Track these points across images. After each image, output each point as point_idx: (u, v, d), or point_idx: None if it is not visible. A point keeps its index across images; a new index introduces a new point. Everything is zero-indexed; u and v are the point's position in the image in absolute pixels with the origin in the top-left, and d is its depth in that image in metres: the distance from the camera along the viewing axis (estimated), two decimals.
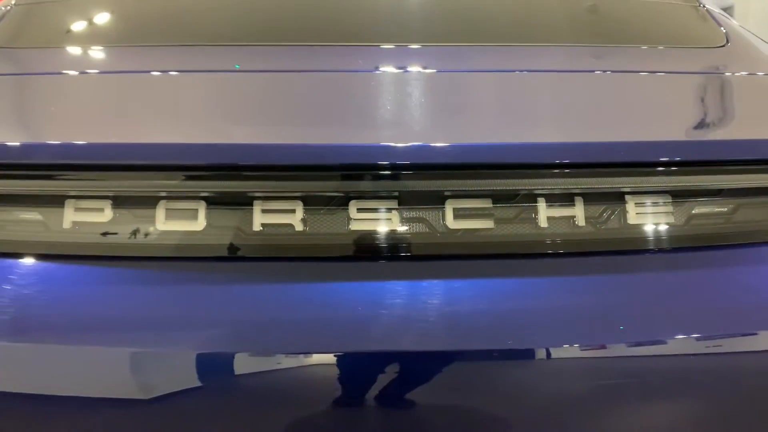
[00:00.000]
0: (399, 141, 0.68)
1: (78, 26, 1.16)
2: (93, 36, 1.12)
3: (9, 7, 1.17)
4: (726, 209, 0.73)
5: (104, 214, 0.69)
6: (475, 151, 0.69)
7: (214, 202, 0.69)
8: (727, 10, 6.92)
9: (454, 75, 0.94)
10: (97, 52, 1.03)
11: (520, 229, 0.69)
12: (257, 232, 0.68)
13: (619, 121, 0.81)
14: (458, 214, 0.69)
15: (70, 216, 0.69)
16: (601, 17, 1.22)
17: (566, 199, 0.70)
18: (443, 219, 0.69)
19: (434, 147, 0.68)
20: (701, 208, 0.72)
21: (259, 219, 0.69)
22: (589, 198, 0.70)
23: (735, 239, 0.73)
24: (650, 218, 0.71)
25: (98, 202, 0.69)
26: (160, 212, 0.69)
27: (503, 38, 1.09)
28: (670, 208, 0.71)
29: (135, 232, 0.69)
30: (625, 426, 0.70)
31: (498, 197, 0.69)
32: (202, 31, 1.10)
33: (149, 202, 0.69)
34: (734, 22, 1.20)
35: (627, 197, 0.71)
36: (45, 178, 0.70)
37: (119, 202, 0.69)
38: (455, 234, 0.69)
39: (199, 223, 0.68)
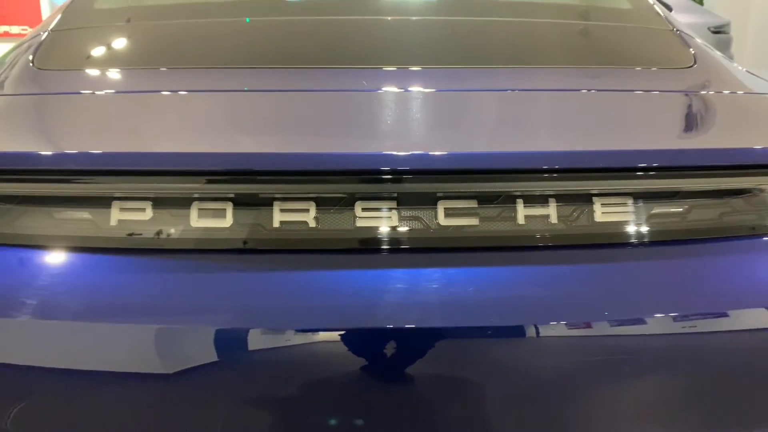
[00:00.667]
0: (398, 150, 0.79)
1: (111, 50, 1.29)
2: (125, 59, 1.25)
3: (46, 33, 1.30)
4: (681, 209, 0.84)
5: (145, 213, 0.80)
6: (463, 159, 0.80)
7: (239, 202, 0.80)
8: (724, 26, 7.00)
9: (445, 93, 1.05)
10: (131, 74, 1.15)
11: (501, 226, 0.80)
12: (276, 228, 0.80)
13: (589, 133, 0.93)
14: (448, 213, 0.80)
15: (116, 215, 0.81)
16: (583, 42, 1.34)
17: (541, 200, 0.81)
18: (435, 217, 0.80)
19: (428, 155, 0.79)
20: (659, 209, 0.84)
21: (278, 217, 0.80)
22: (561, 199, 0.82)
23: (689, 235, 0.84)
24: (614, 217, 0.82)
25: (140, 203, 0.81)
26: (193, 211, 0.80)
27: (491, 61, 1.21)
28: (631, 208, 0.83)
29: (171, 229, 0.80)
30: (590, 398, 0.81)
31: (482, 198, 0.80)
32: (228, 55, 1.22)
33: (184, 202, 0.80)
34: (704, 45, 1.32)
35: (594, 198, 0.82)
36: (94, 183, 0.82)
37: (158, 202, 0.81)
38: (446, 230, 0.80)
39: (227, 221, 0.80)
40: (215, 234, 0.80)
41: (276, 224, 0.79)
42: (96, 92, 1.09)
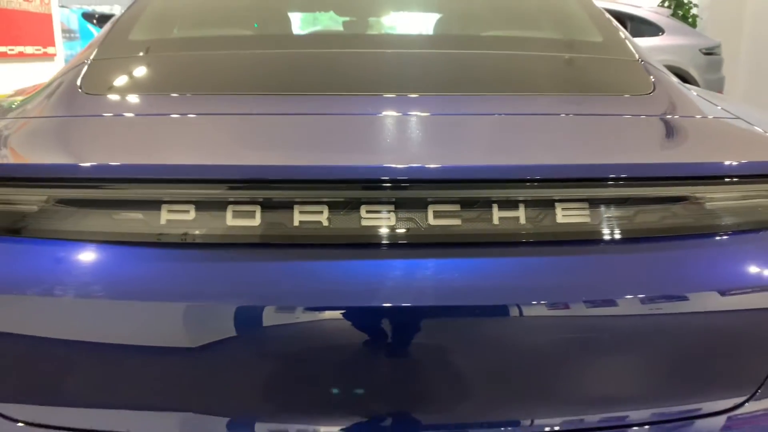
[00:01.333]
0: (395, 163, 0.96)
1: (148, 77, 1.48)
2: (161, 85, 1.44)
3: (89, 62, 1.48)
4: (629, 213, 1.02)
5: (189, 215, 0.98)
6: (448, 171, 0.98)
7: (266, 205, 0.98)
8: (715, 48, 7.23)
9: (434, 117, 1.24)
10: (168, 98, 1.34)
11: (479, 225, 0.98)
12: (296, 226, 0.97)
13: (552, 150, 1.11)
14: (436, 215, 0.98)
15: (165, 216, 0.99)
16: (556, 72, 1.53)
17: (513, 204, 0.99)
18: (426, 218, 0.98)
19: (420, 167, 0.96)
20: (611, 213, 1.01)
21: (297, 217, 0.97)
22: (529, 204, 1.00)
23: (635, 234, 1.01)
24: (572, 218, 1.00)
25: (185, 206, 0.98)
26: (228, 213, 0.97)
27: (475, 89, 1.40)
28: (587, 212, 1.00)
29: (210, 227, 0.98)
30: (542, 367, 0.98)
31: (464, 203, 0.98)
32: (252, 83, 1.42)
33: (221, 206, 0.98)
34: (664, 73, 1.50)
35: (556, 203, 1.00)
36: (146, 189, 0.99)
37: (200, 206, 0.98)
38: (434, 228, 0.97)
39: (256, 221, 0.97)
40: (246, 231, 0.97)
41: (296, 223, 0.97)
42: (142, 114, 1.28)
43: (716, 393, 1.04)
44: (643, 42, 8.92)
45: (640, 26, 9.19)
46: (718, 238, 1.03)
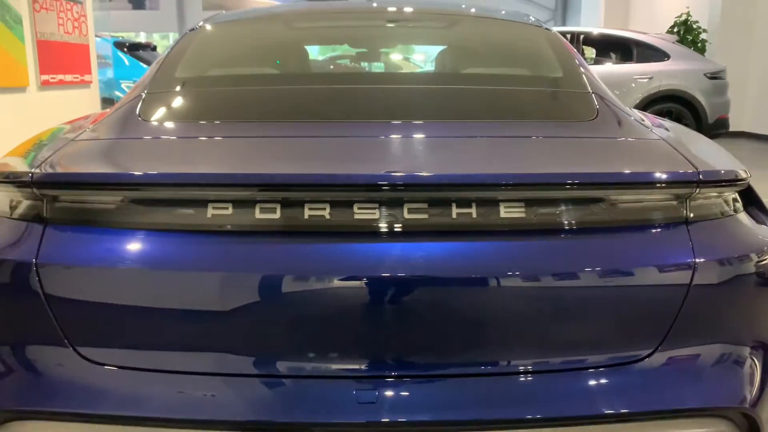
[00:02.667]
0: (377, 172, 1.30)
1: (196, 107, 1.86)
2: (205, 114, 1.81)
3: (144, 95, 1.85)
4: (557, 210, 1.35)
5: (228, 210, 1.32)
6: (417, 178, 1.31)
7: (284, 204, 1.31)
8: (720, 72, 7.57)
9: (414, 138, 1.58)
10: (211, 124, 1.71)
11: (441, 219, 1.31)
12: (306, 219, 1.30)
13: (501, 162, 1.45)
14: (410, 211, 1.30)
15: (210, 211, 1.33)
16: (519, 102, 1.88)
17: (466, 203, 1.33)
18: (402, 214, 1.31)
19: (396, 175, 1.29)
20: (542, 210, 1.34)
21: (306, 213, 1.30)
22: (479, 203, 1.33)
23: (561, 226, 1.34)
24: (512, 214, 1.33)
25: (224, 204, 1.33)
26: (257, 209, 1.31)
27: (450, 117, 1.75)
28: (522, 210, 1.34)
29: (243, 220, 1.32)
30: (492, 323, 1.31)
31: (430, 202, 1.31)
32: (275, 112, 1.79)
33: (251, 204, 1.32)
34: (610, 103, 1.82)
35: (500, 203, 1.33)
36: (197, 191, 1.34)
37: (236, 204, 1.33)
38: (408, 221, 1.30)
39: (277, 215, 1.31)
40: (269, 222, 1.31)
41: (306, 217, 1.31)
42: (189, 136, 1.63)
43: (632, 345, 1.35)
44: (650, 67, 9.26)
45: (646, 52, 9.48)
46: (626, 229, 1.36)
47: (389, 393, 1.28)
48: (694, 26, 12.86)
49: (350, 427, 1.27)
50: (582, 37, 9.76)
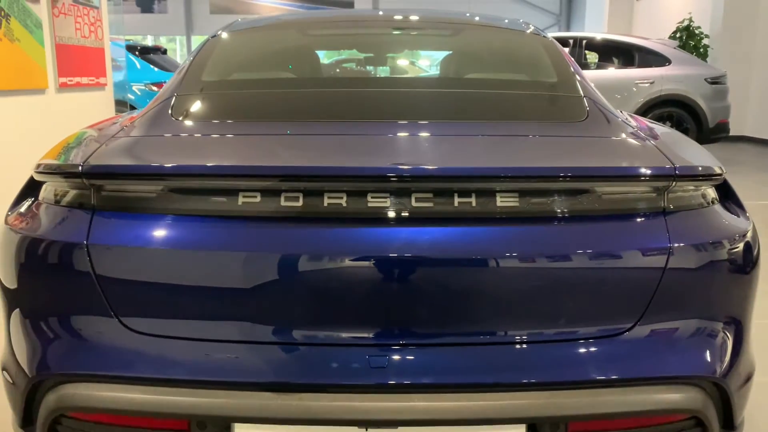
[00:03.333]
0: (389, 165, 1.48)
1: (223, 107, 2.04)
2: (232, 113, 2.00)
3: (174, 97, 2.03)
4: (547, 200, 1.52)
5: (256, 198, 1.49)
6: (423, 171, 1.48)
7: (306, 193, 1.48)
8: (720, 77, 7.76)
9: (420, 136, 1.76)
10: (237, 123, 1.89)
11: (444, 207, 1.48)
12: (325, 207, 1.47)
13: (497, 157, 1.63)
14: (417, 200, 1.47)
15: (241, 199, 1.50)
16: (516, 105, 2.06)
17: (466, 193, 1.50)
18: (410, 202, 1.48)
19: (405, 168, 1.47)
20: (534, 199, 1.51)
21: (326, 201, 1.47)
22: (479, 194, 1.50)
23: (551, 213, 1.51)
24: (506, 204, 1.50)
25: (253, 193, 1.49)
26: (282, 198, 1.48)
27: (455, 117, 1.93)
28: (516, 199, 1.51)
29: (270, 207, 1.49)
30: (489, 294, 1.48)
31: (434, 192, 1.48)
32: (291, 112, 1.97)
33: (277, 193, 1.49)
34: (599, 106, 2.00)
35: (496, 193, 1.50)
36: (229, 181, 1.51)
37: (263, 193, 1.49)
38: (415, 209, 1.48)
39: (300, 203, 1.48)
40: (293, 209, 1.48)
41: (325, 204, 1.47)
42: (218, 133, 1.82)
43: (615, 319, 1.51)
44: (652, 72, 9.43)
45: (647, 57, 9.65)
46: (610, 217, 1.53)
47: (398, 358, 1.45)
48: (696, 32, 13.02)
49: (363, 389, 1.43)
50: (585, 42, 9.93)
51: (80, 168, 1.52)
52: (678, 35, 13.00)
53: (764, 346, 3.32)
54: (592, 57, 10.29)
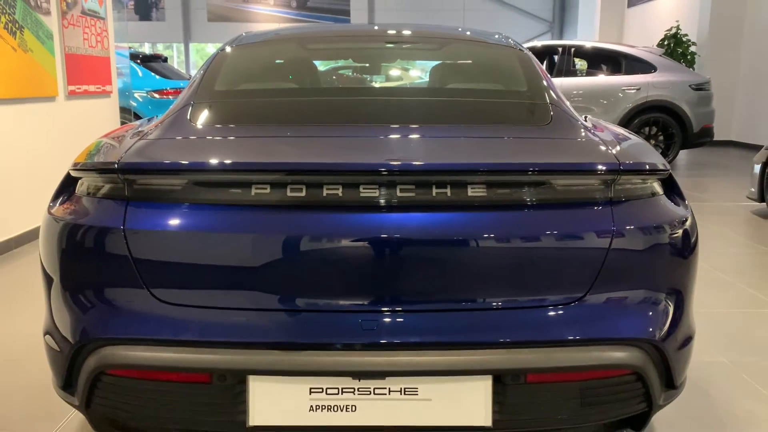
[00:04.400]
0: (377, 161, 1.75)
1: (237, 113, 2.33)
2: (243, 119, 2.29)
3: (191, 104, 2.32)
4: (509, 191, 1.80)
5: (267, 190, 1.76)
6: (407, 166, 1.76)
7: (309, 185, 1.75)
8: (704, 84, 8.14)
9: (408, 137, 2.05)
10: (248, 127, 2.18)
11: (424, 196, 1.75)
12: (324, 196, 1.74)
13: (469, 155, 1.91)
14: (401, 191, 1.74)
15: (253, 191, 1.78)
16: (489, 111, 2.35)
17: (443, 185, 1.78)
18: (396, 192, 1.76)
19: (391, 164, 1.74)
20: (499, 191, 1.79)
21: (324, 191, 1.75)
22: (453, 185, 1.77)
23: (513, 202, 1.79)
24: (476, 193, 1.77)
25: (264, 185, 1.76)
26: (288, 189, 1.76)
27: (437, 121, 2.23)
28: (485, 190, 1.79)
29: (278, 197, 1.76)
30: (471, 269, 1.76)
31: (416, 184, 1.75)
32: (297, 118, 2.27)
33: (283, 185, 1.77)
34: (564, 111, 2.28)
35: (467, 185, 1.78)
36: (243, 175, 1.79)
37: (273, 185, 1.76)
38: (400, 198, 1.75)
39: (303, 193, 1.75)
40: (297, 199, 1.76)
41: (324, 194, 1.74)
42: (232, 135, 2.11)
43: (568, 290, 1.78)
44: (638, 79, 9.75)
45: (634, 64, 9.97)
46: (564, 205, 1.81)
47: (386, 321, 1.74)
48: (684, 39, 13.35)
49: (356, 347, 1.71)
50: (573, 50, 10.25)
51: (116, 165, 1.80)
52: (666, 42, 13.34)
53: (726, 332, 3.62)
54: (582, 64, 10.61)
